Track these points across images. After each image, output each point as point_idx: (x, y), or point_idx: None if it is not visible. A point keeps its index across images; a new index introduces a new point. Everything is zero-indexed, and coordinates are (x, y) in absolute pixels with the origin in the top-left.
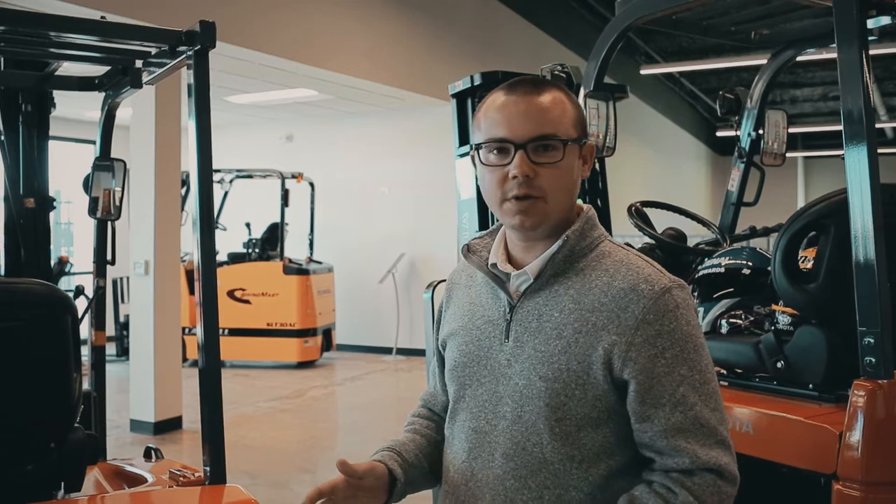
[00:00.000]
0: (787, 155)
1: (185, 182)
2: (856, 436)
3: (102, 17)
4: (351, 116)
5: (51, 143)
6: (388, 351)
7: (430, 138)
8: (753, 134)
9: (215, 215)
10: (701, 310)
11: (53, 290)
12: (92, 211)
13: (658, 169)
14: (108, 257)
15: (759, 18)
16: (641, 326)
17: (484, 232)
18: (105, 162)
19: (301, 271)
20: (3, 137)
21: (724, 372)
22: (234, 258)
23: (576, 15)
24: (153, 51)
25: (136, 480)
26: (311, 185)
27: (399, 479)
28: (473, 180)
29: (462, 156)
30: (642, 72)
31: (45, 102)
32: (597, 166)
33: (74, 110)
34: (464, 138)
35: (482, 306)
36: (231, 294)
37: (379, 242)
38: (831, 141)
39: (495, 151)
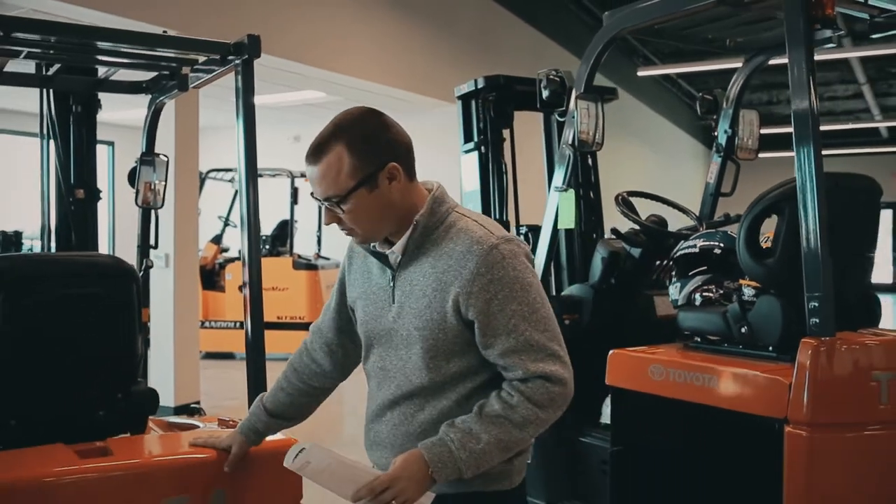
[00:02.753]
0: (783, 154)
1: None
2: (802, 385)
3: (164, 32)
4: None
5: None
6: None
7: (434, 138)
8: (729, 131)
9: (228, 213)
10: (678, 284)
11: (122, 262)
12: (137, 200)
13: (656, 168)
14: (151, 242)
15: (734, 27)
16: (476, 278)
17: None
18: (149, 157)
19: (310, 266)
20: (57, 135)
21: (699, 339)
22: None
23: (575, 18)
24: (201, 59)
25: (188, 428)
26: None
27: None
28: (477, 174)
29: (467, 152)
30: (640, 73)
31: (93, 104)
32: (589, 161)
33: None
34: (468, 136)
35: (375, 275)
36: (242, 289)
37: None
38: (829, 140)
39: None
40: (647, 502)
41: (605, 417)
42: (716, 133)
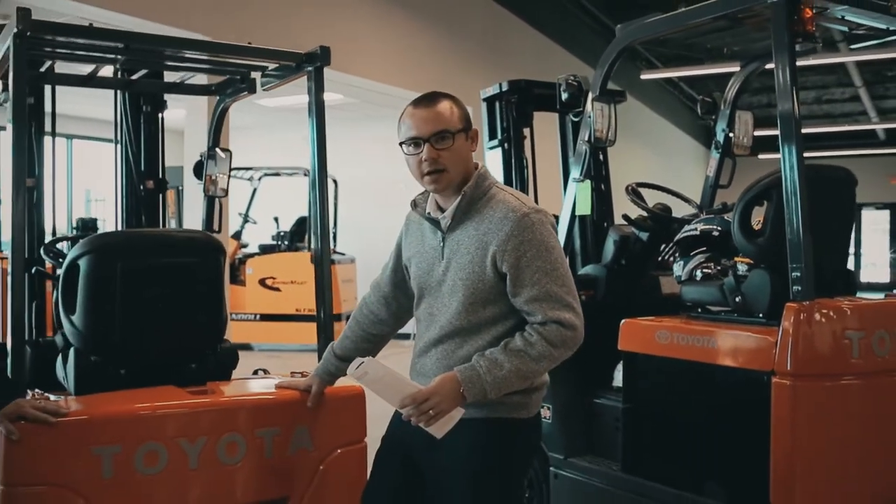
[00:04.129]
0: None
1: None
2: (786, 343)
3: (249, 43)
4: (371, 119)
5: (81, 142)
6: (406, 336)
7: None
8: (727, 130)
9: (247, 210)
10: (681, 262)
11: (213, 237)
12: (205, 190)
13: (659, 170)
14: (215, 226)
15: (730, 38)
16: (510, 239)
17: (421, 192)
18: (213, 152)
19: None
20: (130, 132)
21: (699, 310)
22: (265, 249)
23: (580, 22)
24: (271, 66)
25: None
26: (335, 182)
27: (331, 382)
28: (501, 168)
29: (491, 148)
30: (643, 77)
31: (161, 104)
32: (601, 156)
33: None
34: (493, 134)
35: (428, 237)
36: (262, 282)
37: (397, 235)
38: (827, 142)
39: (412, 145)
40: (655, 454)
41: (618, 381)
42: (715, 131)
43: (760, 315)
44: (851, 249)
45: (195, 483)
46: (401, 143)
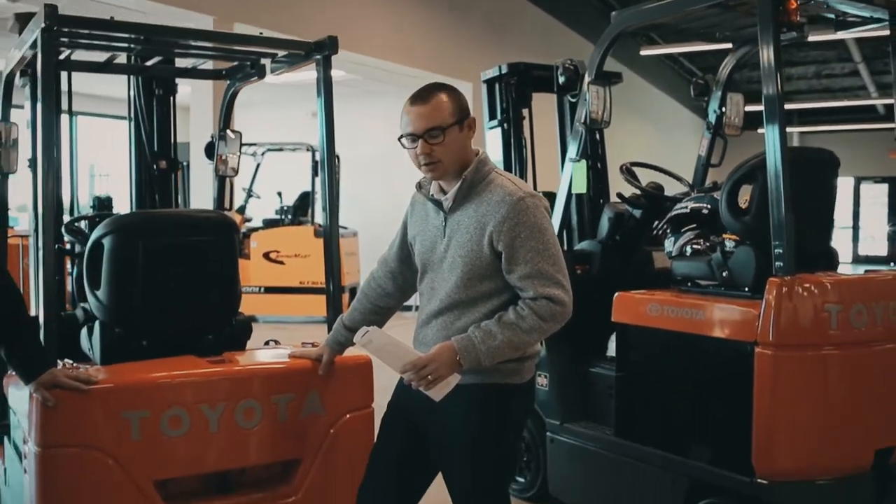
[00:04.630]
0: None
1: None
2: (769, 315)
3: (260, 33)
4: (374, 95)
5: (84, 118)
6: (408, 308)
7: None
8: (718, 111)
9: (251, 185)
10: (672, 239)
11: (227, 217)
12: (216, 170)
13: (657, 142)
14: (227, 205)
15: (722, 22)
16: (506, 220)
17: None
18: (223, 133)
19: None
20: (143, 115)
21: (689, 284)
22: (269, 223)
23: (585, 3)
24: (281, 53)
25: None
26: (338, 157)
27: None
28: (500, 147)
29: (491, 128)
30: (642, 53)
31: (173, 88)
32: (597, 136)
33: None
34: (492, 114)
35: (431, 217)
36: (266, 256)
37: (399, 210)
38: (827, 117)
39: (409, 139)
40: (646, 419)
41: (611, 351)
42: (707, 111)
43: (745, 289)
44: (850, 223)
45: (215, 445)
46: (399, 138)
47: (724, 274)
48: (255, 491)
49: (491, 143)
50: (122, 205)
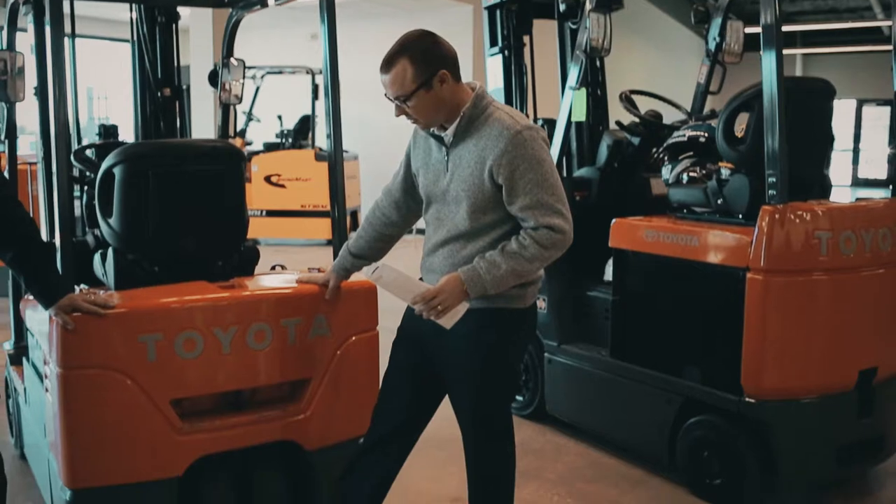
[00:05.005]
0: (785, 52)
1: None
2: (761, 241)
3: None
4: (373, 17)
5: (85, 41)
6: (408, 231)
7: (448, 36)
8: (718, 39)
9: (251, 108)
10: (669, 167)
11: (234, 146)
12: (220, 97)
13: (661, 66)
14: (231, 133)
15: None
16: (505, 154)
17: None
18: (226, 61)
19: None
20: (146, 43)
21: (685, 210)
22: (269, 147)
23: None
24: None
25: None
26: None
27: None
28: (501, 74)
29: (493, 55)
30: None
31: (175, 15)
32: (597, 64)
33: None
34: (493, 41)
35: (433, 151)
36: (268, 179)
37: (399, 133)
38: (832, 38)
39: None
40: (640, 341)
41: (608, 275)
42: (707, 39)
43: (739, 216)
44: (850, 145)
45: (228, 366)
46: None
47: (719, 201)
48: (267, 409)
49: (492, 69)
50: (126, 132)
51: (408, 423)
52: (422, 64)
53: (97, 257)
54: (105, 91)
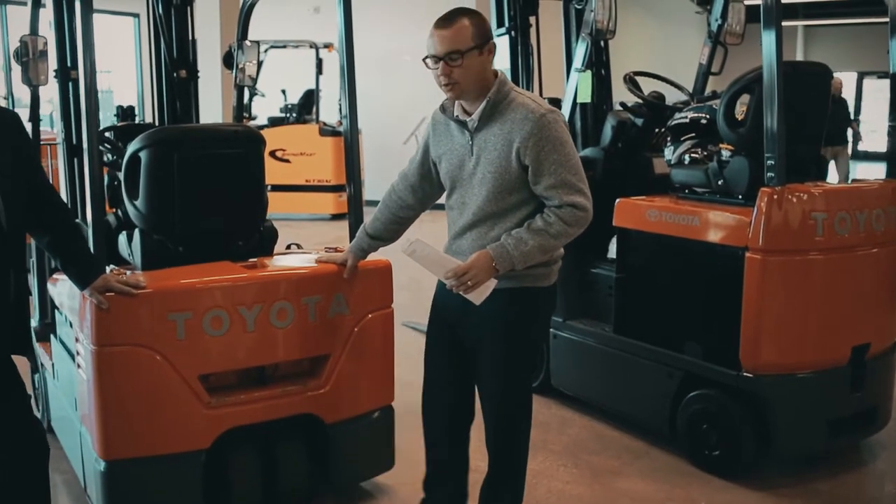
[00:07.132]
0: (785, 24)
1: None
2: (759, 222)
3: None
4: None
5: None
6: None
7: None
8: (720, 20)
9: (254, 82)
10: (672, 147)
11: (254, 130)
12: (235, 79)
13: (661, 40)
14: (245, 114)
15: None
16: (531, 136)
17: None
18: (241, 43)
19: (335, 133)
20: (161, 24)
21: (686, 191)
22: (274, 122)
23: None
24: None
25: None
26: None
27: (363, 257)
28: (508, 54)
29: (499, 35)
30: None
31: None
32: (602, 44)
33: None
34: (500, 21)
35: (456, 137)
36: (273, 154)
37: (403, 107)
38: (834, 10)
39: (432, 60)
40: (642, 318)
41: (612, 253)
42: (708, 20)
43: (739, 197)
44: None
45: (252, 343)
46: (424, 58)
47: (720, 182)
48: (289, 384)
49: (498, 50)
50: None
51: (458, 406)
52: (480, 28)
53: (122, 237)
54: (109, 65)
